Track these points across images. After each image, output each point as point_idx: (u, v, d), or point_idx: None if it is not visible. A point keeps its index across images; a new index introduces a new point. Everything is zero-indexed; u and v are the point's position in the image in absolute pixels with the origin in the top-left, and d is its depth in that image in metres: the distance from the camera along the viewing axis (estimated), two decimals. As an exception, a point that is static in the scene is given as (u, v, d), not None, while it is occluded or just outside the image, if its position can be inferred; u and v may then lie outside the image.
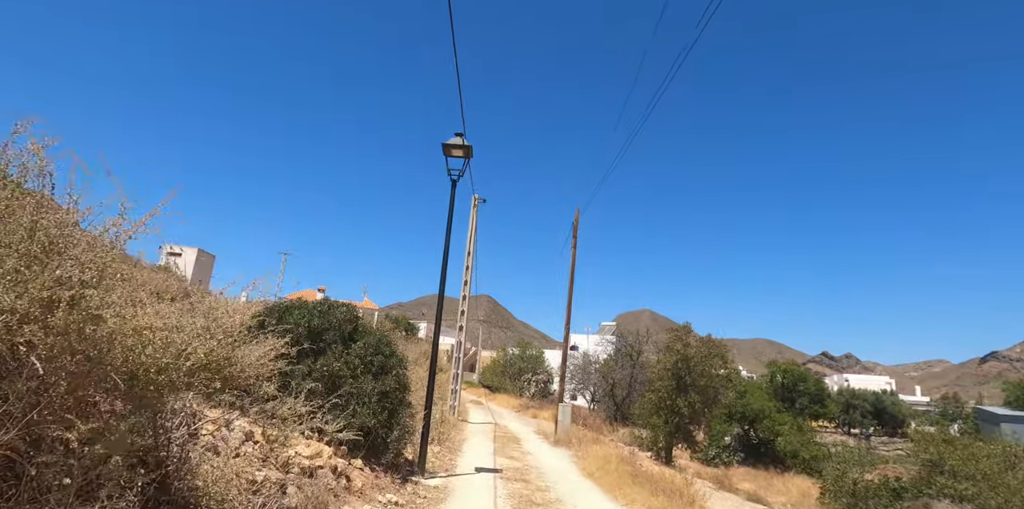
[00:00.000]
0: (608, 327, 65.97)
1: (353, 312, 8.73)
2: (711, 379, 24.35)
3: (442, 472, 9.89)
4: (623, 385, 33.23)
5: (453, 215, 10.01)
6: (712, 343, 25.21)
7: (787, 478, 30.89)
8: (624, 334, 35.93)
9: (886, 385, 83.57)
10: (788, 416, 37.42)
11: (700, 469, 28.90)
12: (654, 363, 35.10)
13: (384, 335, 8.87)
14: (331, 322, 8.10)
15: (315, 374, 7.42)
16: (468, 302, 23.02)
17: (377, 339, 8.50)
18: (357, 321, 8.83)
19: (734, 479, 27.38)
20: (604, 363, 38.72)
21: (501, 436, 18.36)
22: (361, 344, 8.25)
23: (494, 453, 13.39)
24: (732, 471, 31.33)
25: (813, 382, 39.27)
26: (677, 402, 23.87)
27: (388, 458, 8.07)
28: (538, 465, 12.34)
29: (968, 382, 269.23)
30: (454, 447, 13.25)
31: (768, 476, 30.99)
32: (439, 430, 14.06)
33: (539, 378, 45.28)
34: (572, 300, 21.60)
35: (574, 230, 22.41)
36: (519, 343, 56.78)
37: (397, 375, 8.58)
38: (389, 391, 8.17)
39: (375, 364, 8.30)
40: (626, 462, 12.28)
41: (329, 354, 7.65)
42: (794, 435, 35.55)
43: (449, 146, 10.01)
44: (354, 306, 8.83)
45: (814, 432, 37.77)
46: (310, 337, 7.83)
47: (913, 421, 58.15)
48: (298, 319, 7.79)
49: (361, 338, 8.40)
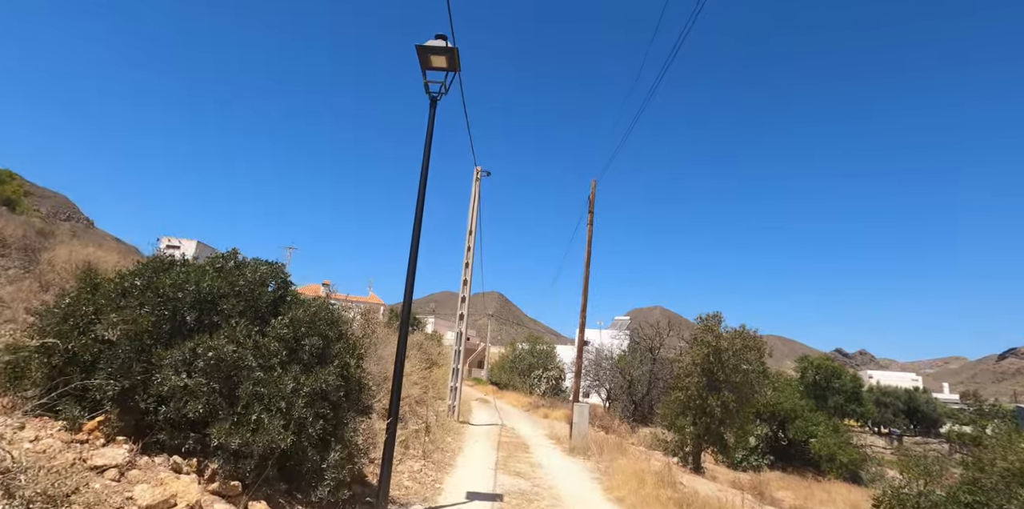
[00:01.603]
0: (621, 321, 63.02)
1: (279, 274, 5.93)
2: (746, 375, 21.40)
3: (417, 504, 7.10)
4: (642, 382, 30.33)
5: (431, 147, 7.15)
6: (746, 335, 22.22)
7: (827, 486, 27.88)
8: (641, 327, 32.97)
9: (912, 382, 79.97)
10: (822, 416, 34.35)
11: (732, 475, 25.97)
12: (677, 358, 32.22)
13: (329, 309, 6.07)
14: (234, 287, 5.32)
15: (200, 365, 4.64)
16: (470, 287, 20.23)
17: (313, 314, 5.70)
18: (286, 288, 6.03)
19: (769, 486, 24.48)
20: (620, 358, 35.79)
21: (507, 442, 15.56)
22: (285, 321, 5.45)
23: (496, 467, 10.59)
24: (764, 476, 28.40)
25: (849, 379, 36.09)
26: (708, 401, 20.96)
27: (322, 492, 5.27)
28: (552, 485, 9.54)
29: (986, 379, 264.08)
30: (445, 460, 10.46)
31: (805, 483, 28.02)
32: (428, 437, 11.29)
33: (550, 374, 42.46)
34: (588, 282, 18.76)
35: (590, 204, 19.53)
36: (529, 338, 53.98)
37: (343, 367, 5.78)
38: (327, 391, 5.38)
39: (307, 351, 5.51)
40: (665, 483, 9.45)
41: (221, 333, 4.84)
42: (830, 437, 32.53)
43: (427, 50, 7.17)
44: (281, 267, 6.03)
45: (851, 433, 34.69)
46: (198, 308, 5.05)
47: (949, 421, 54.69)
48: (178, 281, 5.01)
49: (288, 312, 5.60)
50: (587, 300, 18.72)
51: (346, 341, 6.11)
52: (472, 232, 20.61)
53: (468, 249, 20.46)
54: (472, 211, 20.76)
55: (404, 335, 6.79)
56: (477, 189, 20.92)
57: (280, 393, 4.89)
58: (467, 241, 20.55)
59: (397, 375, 6.54)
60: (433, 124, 7.24)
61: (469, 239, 20.54)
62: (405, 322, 6.83)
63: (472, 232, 20.61)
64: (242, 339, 4.94)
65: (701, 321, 22.66)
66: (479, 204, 21.00)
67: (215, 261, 5.54)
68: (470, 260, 20.39)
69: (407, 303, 6.73)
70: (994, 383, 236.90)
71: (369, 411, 6.67)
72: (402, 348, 6.71)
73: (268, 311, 5.63)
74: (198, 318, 5.02)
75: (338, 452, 5.34)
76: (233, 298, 5.21)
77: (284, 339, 5.38)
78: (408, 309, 6.79)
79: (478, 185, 20.95)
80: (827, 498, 23.65)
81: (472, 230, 20.62)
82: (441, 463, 9.91)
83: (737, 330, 22.32)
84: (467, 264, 20.33)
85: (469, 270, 20.34)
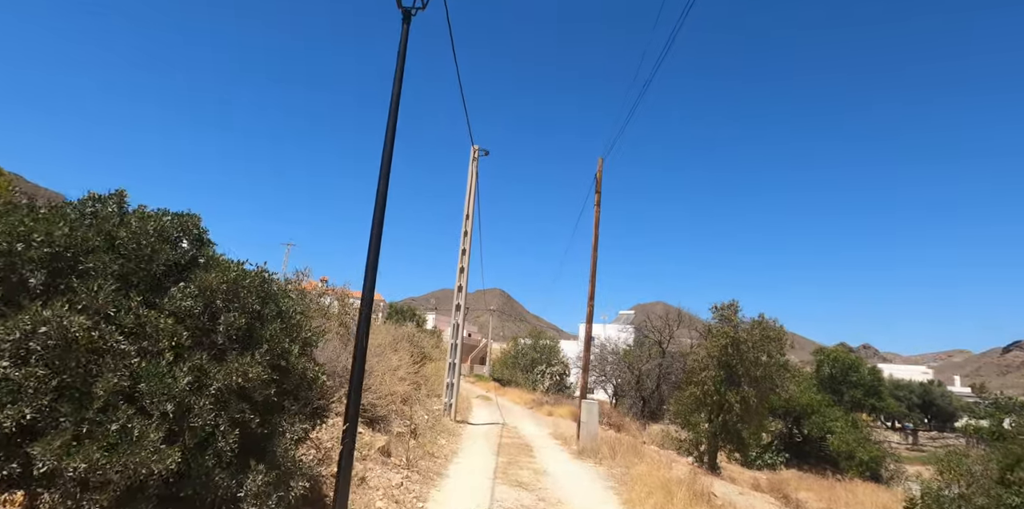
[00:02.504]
0: (625, 315, 61.50)
1: (190, 227, 4.34)
2: (767, 368, 19.83)
3: (390, 532, 5.54)
4: (651, 377, 28.76)
5: (403, 71, 5.55)
6: (766, 325, 20.64)
7: (848, 485, 26.24)
8: (650, 319, 31.37)
9: (923, 375, 78.32)
10: (839, 411, 32.79)
11: (747, 474, 24.42)
12: (691, 351, 30.60)
13: (264, 278, 4.48)
14: (112, 240, 3.73)
15: (33, 347, 3.06)
16: (467, 276, 18.66)
17: (234, 281, 4.11)
18: (202, 248, 4.44)
19: (790, 486, 22.92)
20: (626, 353, 34.14)
21: (509, 444, 14.00)
22: (190, 290, 3.87)
23: (495, 477, 9.02)
24: (781, 475, 26.86)
25: (868, 372, 34.44)
26: (727, 396, 19.40)
27: (238, 533, 3.69)
28: (561, 499, 7.97)
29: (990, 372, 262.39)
30: (434, 469, 8.90)
31: (825, 482, 26.41)
32: (416, 441, 9.74)
33: (554, 370, 40.92)
34: (596, 267, 17.16)
35: (597, 183, 17.93)
36: (532, 333, 52.45)
37: (279, 356, 4.20)
38: (249, 387, 3.81)
39: (223, 332, 3.93)
40: (698, 496, 7.87)
41: (63, 300, 3.26)
42: (849, 433, 30.95)
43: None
44: (195, 219, 4.43)
45: (871, 429, 33.11)
46: (48, 266, 3.47)
47: (965, 415, 53.03)
48: (19, 229, 3.42)
49: (197, 276, 4.01)
50: (595, 288, 17.14)
51: (286, 321, 4.52)
52: (469, 216, 19.03)
53: (465, 234, 18.89)
54: (469, 194, 19.17)
55: (366, 316, 5.22)
56: (474, 170, 19.33)
57: (167, 390, 3.31)
58: (464, 226, 18.98)
59: (356, 370, 4.97)
60: (406, 44, 5.64)
61: (466, 223, 18.97)
62: (368, 301, 5.27)
63: (469, 216, 19.03)
64: (110, 311, 3.36)
65: (716, 311, 21.06)
66: (477, 186, 19.43)
67: (85, 204, 3.94)
68: (467, 246, 18.82)
69: (371, 264, 5.15)
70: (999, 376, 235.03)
71: (324, 414, 5.08)
72: (363, 332, 5.13)
73: (170, 276, 4.04)
74: (49, 281, 3.44)
75: (263, 474, 3.76)
76: (106, 254, 3.62)
77: (188, 315, 3.81)
78: (372, 280, 5.21)
79: (475, 165, 19.36)
80: (852, 500, 22.06)
81: (469, 214, 19.04)
82: (429, 473, 8.35)
83: (756, 320, 20.74)
84: (464, 250, 18.76)
85: (466, 257, 18.77)
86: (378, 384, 9.39)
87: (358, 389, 5.00)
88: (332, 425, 6.01)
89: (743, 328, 19.93)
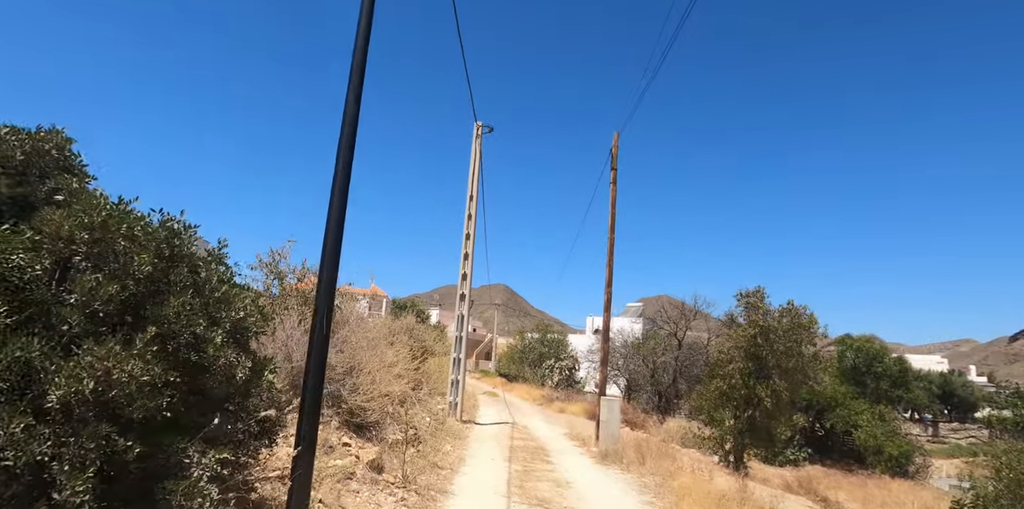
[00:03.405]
0: (634, 308, 60.00)
1: (38, 147, 2.78)
2: (800, 359, 18.27)
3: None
4: (667, 370, 27.20)
5: None
6: (796, 312, 19.05)
7: (880, 482, 24.72)
8: (665, 309, 29.79)
9: (938, 365, 76.64)
10: (864, 403, 31.20)
11: (770, 471, 22.91)
12: (707, 342, 29.04)
13: (173, 228, 2.93)
14: None
15: None
16: (471, 263, 17.13)
17: (102, 224, 2.56)
18: (62, 178, 2.88)
19: (821, 485, 21.44)
20: (639, 345, 32.57)
21: (522, 447, 12.50)
22: (27, 236, 2.32)
23: (509, 492, 7.50)
24: (806, 472, 25.32)
25: (894, 362, 32.79)
26: (756, 390, 17.85)
27: None
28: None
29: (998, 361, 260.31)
30: (437, 484, 7.38)
31: (854, 480, 24.93)
32: (417, 449, 8.22)
33: (563, 364, 39.42)
34: (614, 250, 15.61)
35: (613, 159, 16.34)
36: (539, 327, 50.94)
37: (190, 346, 2.66)
38: (121, 398, 2.26)
39: (87, 302, 2.39)
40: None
41: None
42: (876, 427, 29.36)
43: None
44: (56, 135, 2.87)
45: (899, 423, 31.51)
46: None
47: (986, 405, 51.39)
48: None
49: (42, 217, 2.46)
50: (612, 273, 15.60)
51: (204, 294, 2.98)
52: (473, 197, 17.48)
53: (469, 217, 17.34)
54: (473, 174, 17.61)
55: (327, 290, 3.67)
56: (478, 148, 17.76)
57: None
58: (467, 208, 17.43)
59: (313, 368, 3.43)
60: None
61: (470, 205, 17.41)
62: (329, 281, 3.73)
63: (473, 197, 17.48)
64: None
65: (742, 298, 19.46)
66: (481, 166, 17.85)
67: None
68: (471, 230, 17.28)
69: (335, 222, 3.60)
70: (1007, 365, 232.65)
71: (274, 432, 3.56)
72: (323, 315, 3.58)
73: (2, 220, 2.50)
74: None
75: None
76: None
77: (18, 277, 2.27)
78: (336, 246, 3.67)
79: (478, 143, 17.79)
80: (889, 499, 20.54)
81: (473, 195, 17.49)
82: (430, 491, 6.82)
83: (785, 307, 19.15)
84: (468, 235, 17.21)
85: (471, 242, 17.23)
86: (369, 384, 7.86)
87: (315, 397, 3.48)
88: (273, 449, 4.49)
89: (773, 315, 18.38)
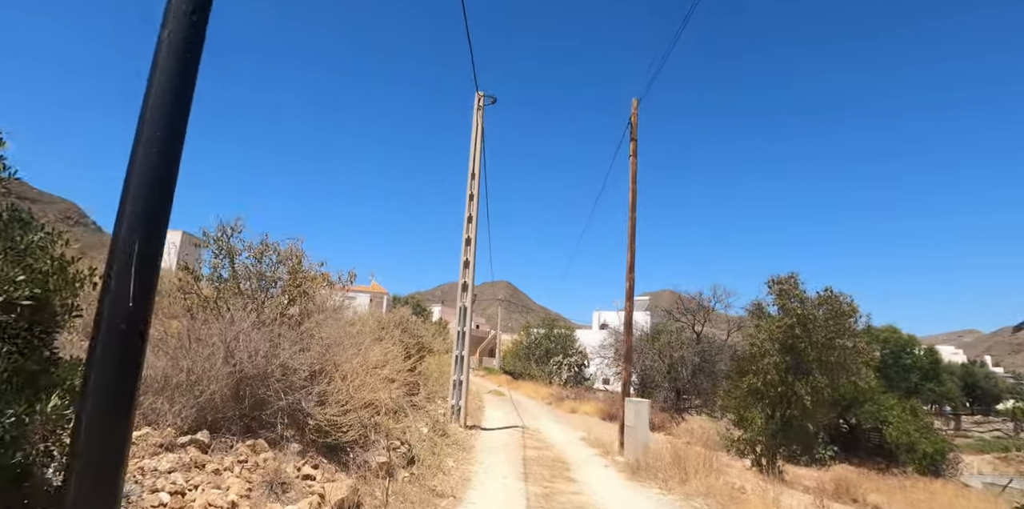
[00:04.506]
0: (641, 301, 58.08)
1: None
2: (843, 352, 16.41)
3: None
4: (685, 365, 25.33)
5: None
6: (834, 300, 17.17)
7: (916, 482, 22.91)
8: (682, 300, 27.89)
9: (954, 356, 74.68)
10: (893, 398, 29.37)
11: (800, 472, 21.04)
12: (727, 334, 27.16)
13: None
14: None
15: None
16: (474, 248, 15.27)
17: None
18: None
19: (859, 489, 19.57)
20: (651, 339, 30.66)
21: (536, 459, 10.66)
22: None
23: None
24: (837, 472, 23.47)
25: (925, 353, 30.87)
26: (795, 387, 16.02)
27: None
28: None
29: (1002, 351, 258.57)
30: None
31: (891, 481, 23.01)
32: (410, 473, 6.38)
33: (572, 361, 37.58)
34: (635, 231, 13.72)
35: (632, 129, 14.42)
36: (545, 321, 49.11)
37: None
38: None
39: None
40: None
41: None
42: (908, 422, 27.52)
43: None
44: None
45: (932, 417, 29.67)
46: None
47: (1010, 397, 49.55)
48: None
49: None
50: (635, 257, 13.70)
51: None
52: (475, 176, 15.61)
53: (470, 198, 15.48)
54: (474, 149, 15.73)
55: (136, 232, 1.76)
56: (479, 120, 15.87)
57: None
58: (468, 188, 15.57)
59: (102, 365, 1.49)
60: None
61: (471, 185, 15.55)
62: (141, 215, 1.86)
63: (475, 176, 15.61)
64: None
65: (774, 285, 17.55)
66: (483, 140, 15.96)
67: None
68: (473, 212, 15.41)
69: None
70: (1011, 354, 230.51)
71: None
72: (120, 276, 1.67)
73: None
74: None
75: None
76: None
77: None
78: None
79: (480, 115, 15.90)
80: (936, 504, 18.66)
81: (475, 173, 15.62)
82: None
83: (823, 295, 17.27)
84: (470, 218, 15.35)
85: (472, 226, 15.36)
86: (346, 391, 6.01)
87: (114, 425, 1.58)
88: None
89: (812, 303, 16.52)
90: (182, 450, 4.50)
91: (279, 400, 5.27)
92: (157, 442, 4.42)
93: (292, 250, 6.75)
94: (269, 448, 5.14)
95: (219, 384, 4.99)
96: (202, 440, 4.67)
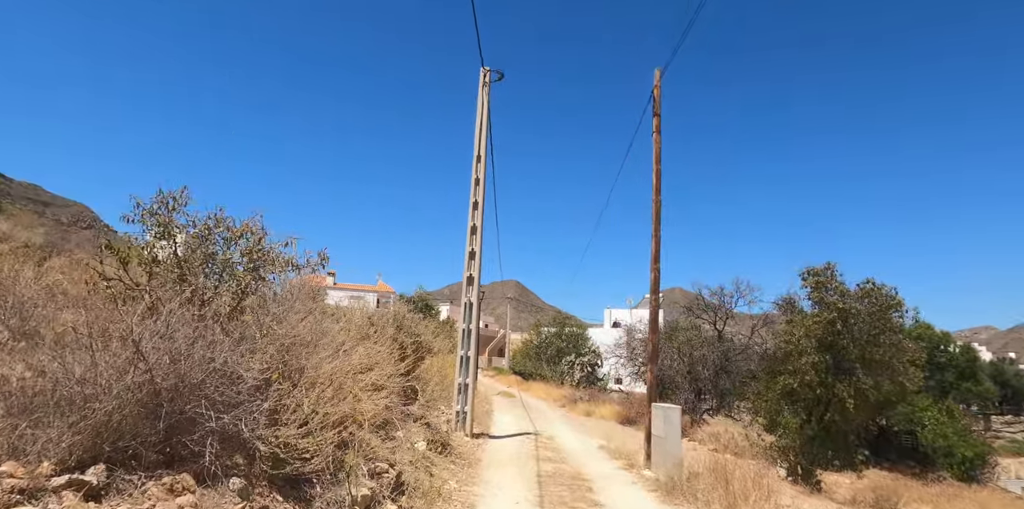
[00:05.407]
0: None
1: None
2: (888, 350, 14.88)
3: None
4: (707, 365, 23.79)
5: None
6: (877, 293, 15.65)
7: (963, 491, 21.26)
8: (703, 294, 26.32)
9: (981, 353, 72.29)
10: (927, 399, 27.63)
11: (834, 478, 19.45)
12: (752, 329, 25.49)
13: None
14: None
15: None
16: (480, 237, 13.87)
17: None
18: None
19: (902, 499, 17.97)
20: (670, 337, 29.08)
21: (552, 473, 9.25)
22: None
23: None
24: (873, 480, 21.87)
25: (962, 351, 29.11)
26: (836, 389, 14.54)
27: None
28: None
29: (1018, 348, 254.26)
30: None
31: (934, 489, 21.39)
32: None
33: (584, 360, 36.11)
34: (660, 217, 12.24)
35: (655, 103, 12.93)
36: (555, 320, 47.62)
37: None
38: None
39: None
40: None
41: None
42: (945, 425, 25.82)
43: None
44: None
45: (972, 419, 27.96)
46: None
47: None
48: None
49: None
50: (660, 246, 12.22)
51: None
52: (480, 158, 14.21)
53: (476, 182, 14.09)
54: (479, 129, 14.33)
55: None
56: (485, 98, 14.46)
57: None
58: (474, 171, 14.17)
59: None
60: None
61: (476, 168, 14.15)
62: None
63: (480, 158, 14.21)
64: None
65: (810, 277, 16.04)
66: (489, 120, 14.55)
67: None
68: (479, 198, 14.02)
69: None
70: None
71: None
72: None
73: None
74: None
75: None
76: None
77: None
78: None
79: (486, 92, 14.49)
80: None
81: (480, 155, 14.21)
82: None
83: (865, 287, 15.75)
84: (475, 204, 13.97)
85: (479, 212, 13.98)
86: (315, 403, 4.63)
87: None
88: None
89: (853, 296, 15.01)
90: (52, 496, 3.12)
91: (211, 420, 3.89)
92: (13, 485, 3.05)
93: (249, 226, 5.37)
94: (196, 486, 3.76)
95: (124, 398, 3.62)
96: (88, 480, 3.29)
